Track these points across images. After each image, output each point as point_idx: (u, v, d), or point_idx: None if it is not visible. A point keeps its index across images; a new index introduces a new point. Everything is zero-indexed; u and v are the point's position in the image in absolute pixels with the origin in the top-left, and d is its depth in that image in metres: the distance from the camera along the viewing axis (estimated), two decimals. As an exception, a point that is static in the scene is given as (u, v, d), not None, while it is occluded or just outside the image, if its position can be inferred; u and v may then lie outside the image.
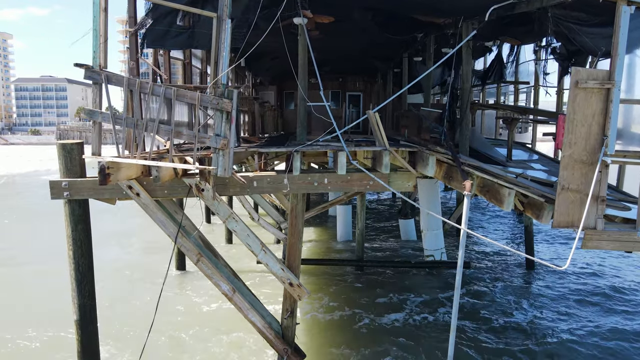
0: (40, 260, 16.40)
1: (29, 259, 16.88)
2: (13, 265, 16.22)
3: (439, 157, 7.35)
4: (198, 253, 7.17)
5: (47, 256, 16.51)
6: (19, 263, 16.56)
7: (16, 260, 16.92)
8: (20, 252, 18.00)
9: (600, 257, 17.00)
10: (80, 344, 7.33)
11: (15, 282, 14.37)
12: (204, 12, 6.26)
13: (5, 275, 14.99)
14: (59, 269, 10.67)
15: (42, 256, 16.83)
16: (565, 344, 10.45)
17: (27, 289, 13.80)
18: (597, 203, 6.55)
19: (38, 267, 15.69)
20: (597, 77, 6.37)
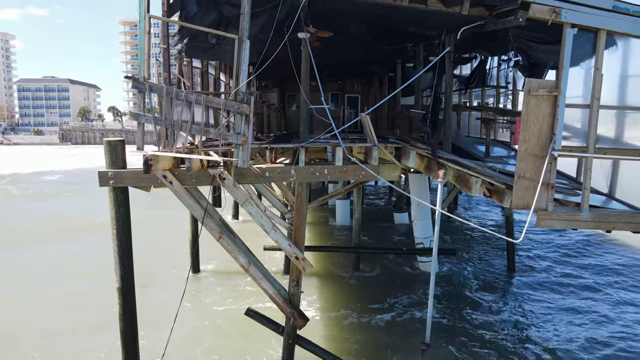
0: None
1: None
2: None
3: (419, 152, 8.83)
4: (220, 232, 8.64)
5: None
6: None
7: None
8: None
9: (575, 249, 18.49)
10: (121, 307, 8.79)
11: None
12: (228, 34, 7.72)
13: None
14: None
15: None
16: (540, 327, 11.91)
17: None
18: (548, 189, 8.03)
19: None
20: (546, 86, 7.85)
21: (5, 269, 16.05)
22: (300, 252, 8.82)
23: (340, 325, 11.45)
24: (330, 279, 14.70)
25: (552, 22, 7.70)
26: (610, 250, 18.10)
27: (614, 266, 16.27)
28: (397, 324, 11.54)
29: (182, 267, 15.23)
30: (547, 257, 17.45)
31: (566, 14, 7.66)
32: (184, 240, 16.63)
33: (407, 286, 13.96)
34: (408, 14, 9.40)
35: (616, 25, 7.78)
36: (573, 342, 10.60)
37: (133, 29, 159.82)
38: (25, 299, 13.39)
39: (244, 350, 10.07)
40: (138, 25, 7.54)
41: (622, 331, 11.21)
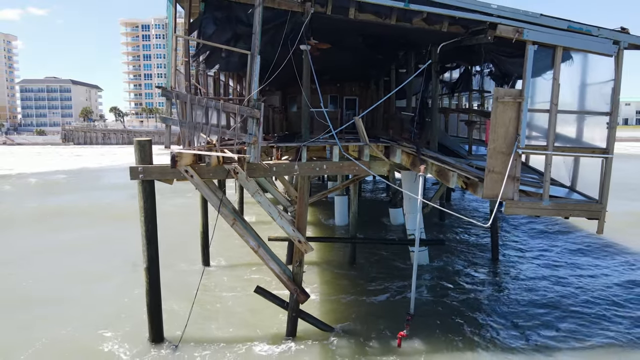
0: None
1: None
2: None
3: (405, 149, 10.23)
4: (233, 219, 10.04)
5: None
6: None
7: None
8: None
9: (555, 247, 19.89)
10: (147, 284, 10.18)
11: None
12: (241, 50, 9.12)
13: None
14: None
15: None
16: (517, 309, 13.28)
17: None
18: (513, 182, 9.43)
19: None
20: (511, 94, 9.25)
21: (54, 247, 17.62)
22: (302, 236, 10.21)
23: (338, 303, 12.83)
24: (330, 269, 16.06)
25: (516, 40, 9.09)
26: (597, 255, 19.36)
27: (595, 264, 17.62)
28: (390, 302, 12.93)
29: (194, 260, 16.61)
30: (529, 249, 18.81)
31: (528, 33, 9.05)
32: (190, 236, 17.98)
33: (401, 275, 15.29)
34: (396, 30, 10.79)
35: (571, 42, 9.17)
36: (542, 316, 11.93)
37: (135, 30, 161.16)
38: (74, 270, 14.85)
39: (253, 324, 11.43)
40: (166, 44, 8.93)
41: (589, 302, 12.52)
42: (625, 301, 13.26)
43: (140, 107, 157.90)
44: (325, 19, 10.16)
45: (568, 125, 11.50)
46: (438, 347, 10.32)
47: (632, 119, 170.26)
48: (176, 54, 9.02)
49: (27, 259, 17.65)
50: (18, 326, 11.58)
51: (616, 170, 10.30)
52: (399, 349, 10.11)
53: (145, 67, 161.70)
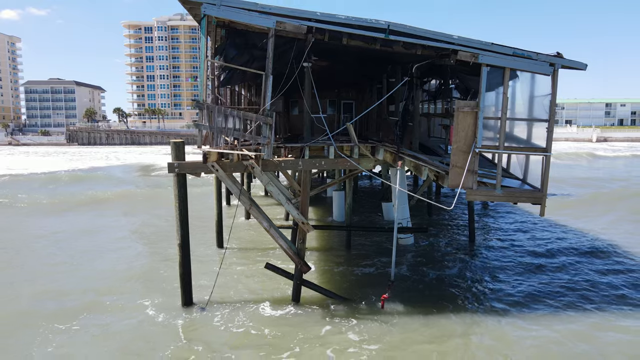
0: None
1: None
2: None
3: (387, 148, 12.71)
4: (250, 204, 12.52)
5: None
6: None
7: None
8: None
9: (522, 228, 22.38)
10: (181, 257, 12.65)
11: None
12: (258, 71, 11.60)
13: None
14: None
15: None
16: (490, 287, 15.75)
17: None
18: (472, 174, 11.90)
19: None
20: (470, 105, 11.73)
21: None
22: (305, 218, 12.69)
23: (334, 275, 15.32)
24: (328, 251, 18.51)
25: (473, 62, 11.59)
26: (547, 229, 21.90)
27: (547, 237, 20.11)
28: (376, 274, 15.42)
29: (208, 243, 19.09)
30: (500, 233, 21.29)
31: (482, 58, 11.54)
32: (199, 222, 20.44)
33: (388, 253, 17.59)
34: (382, 52, 13.28)
35: (516, 64, 11.66)
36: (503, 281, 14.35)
37: (137, 32, 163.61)
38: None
39: (263, 292, 13.88)
40: (199, 66, 11.40)
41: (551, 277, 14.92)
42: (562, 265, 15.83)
43: (143, 108, 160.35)
44: (324, 44, 12.63)
45: (522, 129, 14.04)
46: (414, 308, 12.78)
47: (627, 119, 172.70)
48: (206, 75, 11.50)
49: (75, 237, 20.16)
50: (84, 289, 14.06)
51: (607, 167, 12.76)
52: (382, 310, 12.58)
53: (148, 68, 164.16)
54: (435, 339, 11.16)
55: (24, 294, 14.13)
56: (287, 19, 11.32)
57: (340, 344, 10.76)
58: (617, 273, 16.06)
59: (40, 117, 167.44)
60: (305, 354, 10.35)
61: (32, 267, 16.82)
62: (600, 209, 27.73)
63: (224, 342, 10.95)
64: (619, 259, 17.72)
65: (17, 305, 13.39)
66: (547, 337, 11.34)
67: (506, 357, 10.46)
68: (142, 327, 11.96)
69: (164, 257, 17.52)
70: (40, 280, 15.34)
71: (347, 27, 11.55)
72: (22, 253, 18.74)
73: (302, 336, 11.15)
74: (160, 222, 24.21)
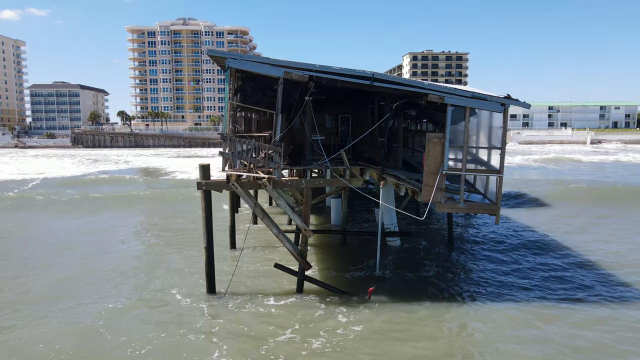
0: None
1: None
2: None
3: (372, 170, 15.76)
4: (263, 214, 15.57)
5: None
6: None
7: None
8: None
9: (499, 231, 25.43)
10: (206, 255, 15.69)
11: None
12: (268, 110, 14.64)
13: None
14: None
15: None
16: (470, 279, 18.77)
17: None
18: (441, 191, 14.93)
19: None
20: (438, 137, 14.76)
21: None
22: (307, 226, 15.74)
23: (330, 272, 18.35)
24: (326, 251, 21.53)
25: (440, 103, 14.63)
26: (518, 234, 24.89)
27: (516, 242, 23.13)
28: (366, 270, 18.45)
29: (222, 245, 22.11)
30: (477, 238, 24.30)
31: (447, 99, 14.57)
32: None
33: (382, 256, 20.77)
34: (369, 90, 16.32)
35: (474, 104, 14.69)
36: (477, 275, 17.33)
37: (141, 36, 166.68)
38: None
39: (272, 285, 16.88)
40: (224, 107, 14.44)
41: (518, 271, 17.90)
42: (515, 259, 18.86)
43: (146, 111, 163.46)
44: (322, 85, 15.67)
45: (484, 154, 17.03)
46: (397, 299, 15.77)
47: (622, 122, 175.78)
48: (229, 112, 14.54)
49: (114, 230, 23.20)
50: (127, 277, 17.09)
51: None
52: (369, 299, 15.60)
53: (151, 72, 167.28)
54: (412, 322, 14.12)
55: (97, 268, 17.18)
56: (293, 69, 14.37)
57: (332, 325, 13.77)
58: (573, 266, 19.10)
59: (46, 120, 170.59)
60: (304, 331, 13.36)
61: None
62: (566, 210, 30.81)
63: (240, 320, 13.95)
64: (565, 253, 20.77)
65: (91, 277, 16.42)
66: (498, 321, 14.36)
67: (470, 334, 13.49)
68: (179, 306, 15.02)
69: (188, 256, 20.58)
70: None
71: (340, 75, 14.61)
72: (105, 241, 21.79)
73: (303, 318, 14.17)
74: (184, 223, 27.30)
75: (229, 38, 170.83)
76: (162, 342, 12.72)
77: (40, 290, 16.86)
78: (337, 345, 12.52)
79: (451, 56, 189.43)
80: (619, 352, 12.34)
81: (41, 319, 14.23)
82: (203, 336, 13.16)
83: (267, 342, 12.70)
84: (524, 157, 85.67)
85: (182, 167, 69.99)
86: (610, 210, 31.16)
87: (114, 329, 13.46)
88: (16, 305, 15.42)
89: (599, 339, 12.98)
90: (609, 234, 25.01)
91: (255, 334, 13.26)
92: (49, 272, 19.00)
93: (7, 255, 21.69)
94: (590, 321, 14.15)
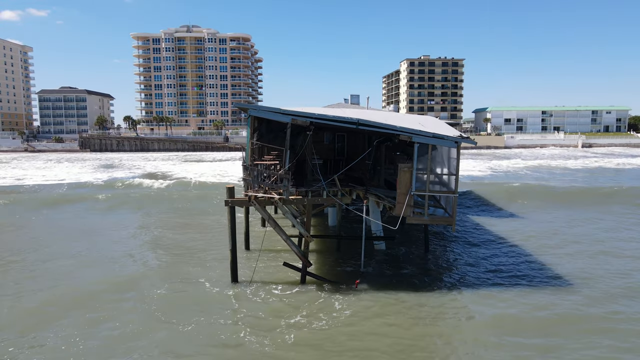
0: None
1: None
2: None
3: (358, 190, 20.59)
4: (274, 225, 20.40)
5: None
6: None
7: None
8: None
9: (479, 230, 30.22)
10: (231, 255, 20.50)
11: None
12: (278, 147, 19.44)
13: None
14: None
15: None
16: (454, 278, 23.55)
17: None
18: (411, 207, 19.73)
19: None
20: (408, 166, 19.57)
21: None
22: (308, 233, 20.56)
23: (327, 267, 23.16)
24: (323, 252, 26.30)
25: (409, 141, 19.43)
26: (492, 243, 29.65)
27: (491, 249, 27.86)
28: (355, 266, 23.25)
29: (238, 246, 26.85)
30: (450, 246, 29.07)
31: (414, 138, 19.34)
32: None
33: (366, 255, 25.55)
34: (356, 129, 21.13)
35: (435, 142, 19.49)
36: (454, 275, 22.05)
37: (146, 43, 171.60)
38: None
39: (282, 278, 21.66)
40: (246, 146, 19.24)
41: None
42: (483, 258, 23.65)
43: (151, 115, 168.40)
44: (321, 124, 20.48)
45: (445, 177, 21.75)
46: (379, 289, 20.49)
47: (613, 126, 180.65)
48: (249, 149, 19.33)
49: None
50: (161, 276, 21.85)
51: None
52: (356, 289, 20.36)
53: (155, 77, 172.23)
54: (389, 304, 18.88)
55: (150, 258, 21.95)
56: (298, 117, 19.20)
57: (328, 308, 18.54)
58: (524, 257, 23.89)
59: (54, 124, 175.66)
60: (307, 313, 18.13)
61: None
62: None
63: (258, 304, 18.73)
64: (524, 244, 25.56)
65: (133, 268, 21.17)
66: (466, 306, 19.12)
67: (439, 313, 18.27)
68: (208, 292, 19.81)
69: (215, 255, 25.39)
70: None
71: (333, 121, 19.44)
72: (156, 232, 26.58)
73: (306, 304, 18.95)
74: (210, 223, 32.20)
75: (231, 45, 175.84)
76: (202, 320, 17.53)
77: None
78: (333, 323, 17.30)
79: (447, 62, 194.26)
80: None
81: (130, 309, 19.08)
82: (230, 313, 17.97)
83: (279, 322, 17.46)
84: (511, 162, 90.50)
85: (192, 171, 74.87)
86: (558, 209, 36.15)
87: (166, 309, 18.29)
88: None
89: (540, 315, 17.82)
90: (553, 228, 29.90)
91: (269, 314, 18.05)
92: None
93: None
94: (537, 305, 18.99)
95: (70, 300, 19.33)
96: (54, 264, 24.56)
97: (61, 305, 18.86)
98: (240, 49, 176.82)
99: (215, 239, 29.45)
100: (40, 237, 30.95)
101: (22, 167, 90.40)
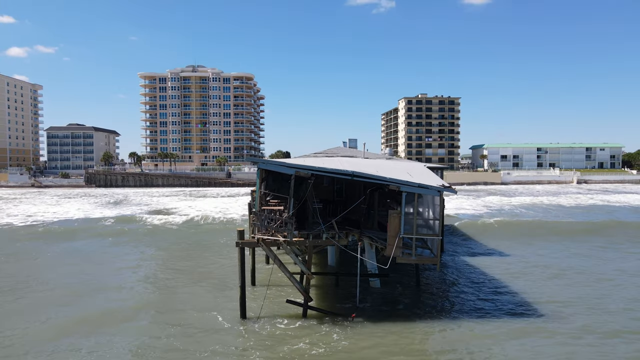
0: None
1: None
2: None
3: (353, 233, 23.32)
4: (280, 264, 23.03)
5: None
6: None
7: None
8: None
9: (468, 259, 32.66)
10: (240, 291, 23.00)
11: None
12: (283, 195, 22.33)
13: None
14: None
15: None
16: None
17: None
18: (400, 248, 22.40)
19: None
20: (397, 212, 22.36)
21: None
22: (309, 271, 23.15)
23: (326, 302, 25.53)
24: (323, 288, 28.71)
25: (398, 191, 22.31)
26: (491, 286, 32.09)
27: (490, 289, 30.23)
28: (352, 301, 25.61)
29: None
30: (440, 280, 31.47)
31: (402, 188, 22.21)
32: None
33: (362, 291, 27.96)
34: (351, 181, 24.08)
35: (420, 191, 22.36)
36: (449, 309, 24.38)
37: (152, 82, 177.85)
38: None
39: (285, 312, 24.04)
40: (256, 199, 22.11)
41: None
42: (477, 282, 26.00)
43: (155, 152, 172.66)
44: (318, 177, 23.41)
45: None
46: (373, 323, 22.87)
47: (607, 162, 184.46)
48: (258, 199, 22.17)
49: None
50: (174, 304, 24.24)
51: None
52: (352, 321, 22.74)
53: (161, 115, 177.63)
54: (383, 335, 21.22)
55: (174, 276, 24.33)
56: (300, 169, 22.16)
57: (326, 338, 20.91)
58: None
59: (60, 160, 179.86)
60: (309, 342, 20.49)
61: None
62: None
63: (266, 336, 21.10)
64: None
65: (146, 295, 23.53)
66: (448, 336, 21.45)
67: (420, 342, 20.62)
68: (220, 326, 22.18)
69: (222, 289, 27.79)
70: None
71: (331, 173, 22.40)
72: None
73: (309, 335, 21.32)
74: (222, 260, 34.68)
75: (235, 84, 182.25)
76: (216, 348, 19.90)
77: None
78: (332, 350, 19.67)
79: (444, 100, 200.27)
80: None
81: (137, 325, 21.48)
82: (241, 343, 20.36)
83: (284, 350, 19.84)
84: (505, 199, 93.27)
85: (196, 207, 77.62)
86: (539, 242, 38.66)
87: (179, 339, 20.68)
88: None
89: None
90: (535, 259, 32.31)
91: (276, 344, 20.43)
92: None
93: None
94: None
95: (95, 324, 21.76)
96: (85, 292, 27.05)
97: (86, 329, 21.30)
98: (244, 87, 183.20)
99: (223, 274, 31.92)
100: (63, 269, 33.48)
101: (33, 202, 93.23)
